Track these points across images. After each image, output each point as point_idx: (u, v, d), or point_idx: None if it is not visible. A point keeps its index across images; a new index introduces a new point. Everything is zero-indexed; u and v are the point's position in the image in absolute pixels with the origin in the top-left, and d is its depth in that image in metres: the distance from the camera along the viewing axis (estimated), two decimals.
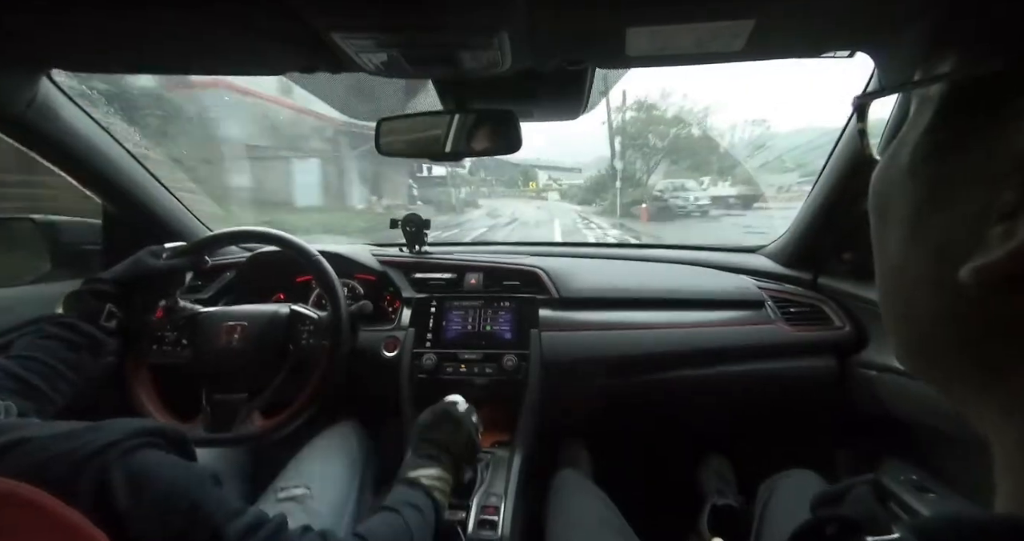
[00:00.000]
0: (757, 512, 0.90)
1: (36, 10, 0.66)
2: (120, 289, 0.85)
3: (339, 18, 0.61)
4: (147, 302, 0.93)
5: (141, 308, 0.91)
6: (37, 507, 0.36)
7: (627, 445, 1.46)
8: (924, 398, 0.93)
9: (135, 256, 0.89)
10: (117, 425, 0.46)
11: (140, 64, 0.93)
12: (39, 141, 0.99)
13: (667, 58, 0.78)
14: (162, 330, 1.01)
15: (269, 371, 1.00)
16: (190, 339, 1.01)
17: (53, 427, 0.45)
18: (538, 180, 26.13)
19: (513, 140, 0.85)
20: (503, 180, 27.12)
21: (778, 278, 1.29)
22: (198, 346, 1.01)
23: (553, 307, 1.19)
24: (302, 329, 1.03)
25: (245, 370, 1.00)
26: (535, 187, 26.05)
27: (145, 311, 0.94)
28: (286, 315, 1.04)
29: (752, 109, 29.21)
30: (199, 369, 1.00)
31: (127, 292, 0.86)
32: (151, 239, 1.26)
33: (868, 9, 0.64)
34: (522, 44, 0.67)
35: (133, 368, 0.97)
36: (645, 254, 1.50)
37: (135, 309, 0.88)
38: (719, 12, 0.62)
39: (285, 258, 1.14)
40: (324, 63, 0.78)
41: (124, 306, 0.85)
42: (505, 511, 0.89)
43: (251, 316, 1.03)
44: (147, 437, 0.47)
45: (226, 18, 0.66)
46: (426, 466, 0.78)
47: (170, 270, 0.93)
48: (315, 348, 1.01)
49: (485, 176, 24.17)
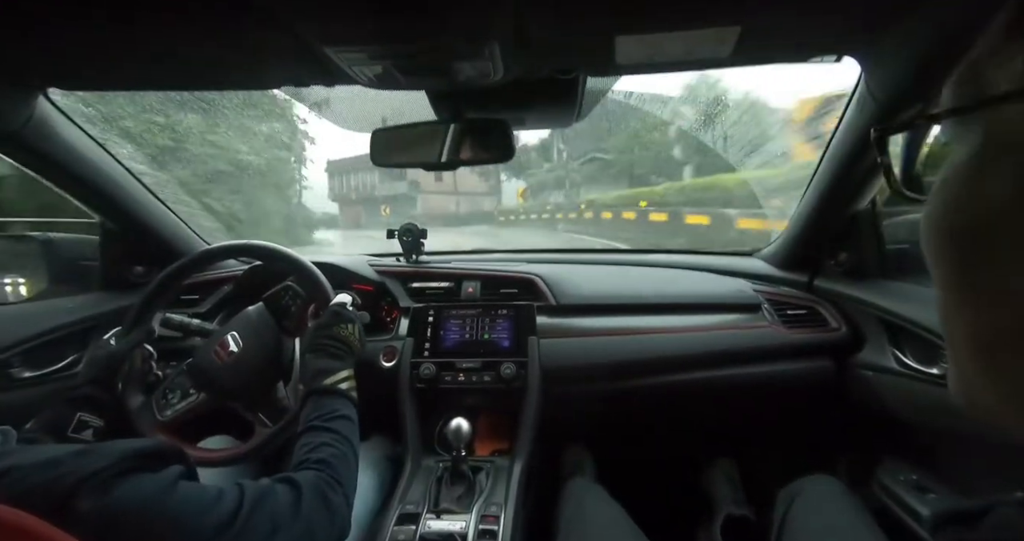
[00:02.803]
0: (776, 521, 0.88)
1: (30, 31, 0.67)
2: (92, 390, 0.83)
3: (331, 32, 0.62)
4: (127, 390, 0.91)
5: (120, 400, 0.89)
6: (26, 533, 0.36)
7: (630, 451, 1.45)
8: (922, 398, 0.93)
9: (87, 357, 0.87)
10: (106, 449, 0.46)
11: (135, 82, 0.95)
12: (36, 159, 0.99)
13: (656, 65, 0.79)
14: (165, 389, 0.96)
15: (271, 382, 0.99)
16: (195, 381, 0.95)
17: (41, 454, 0.44)
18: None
19: (506, 149, 0.86)
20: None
21: (774, 281, 1.30)
22: (203, 381, 0.95)
23: (551, 314, 1.19)
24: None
25: (251, 385, 0.97)
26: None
27: (123, 402, 0.90)
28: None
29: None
30: (216, 403, 0.96)
31: (98, 392, 0.84)
32: (149, 255, 1.27)
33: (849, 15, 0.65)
34: (513, 54, 0.68)
35: (149, 434, 0.91)
36: (641, 259, 1.51)
37: (112, 404, 0.86)
38: (705, 19, 0.64)
39: (281, 270, 1.14)
40: (318, 77, 0.79)
41: (99, 406, 0.82)
42: (505, 520, 0.88)
43: (242, 331, 1.00)
44: (135, 461, 0.46)
45: (220, 35, 0.67)
46: (335, 370, 0.79)
47: (125, 352, 0.90)
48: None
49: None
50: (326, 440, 0.68)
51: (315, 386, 0.77)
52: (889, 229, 1.08)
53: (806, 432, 1.32)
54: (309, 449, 0.67)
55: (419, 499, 0.93)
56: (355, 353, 0.85)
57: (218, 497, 0.50)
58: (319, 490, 0.60)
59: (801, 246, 1.24)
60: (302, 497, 0.57)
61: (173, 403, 0.94)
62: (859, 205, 1.07)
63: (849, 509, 0.83)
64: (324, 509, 0.59)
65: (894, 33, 0.68)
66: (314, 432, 0.70)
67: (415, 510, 0.89)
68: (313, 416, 0.72)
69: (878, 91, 0.81)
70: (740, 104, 2.80)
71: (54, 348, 1.11)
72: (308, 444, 0.68)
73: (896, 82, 0.78)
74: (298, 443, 0.69)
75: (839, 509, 0.84)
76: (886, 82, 0.79)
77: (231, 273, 1.31)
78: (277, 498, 0.55)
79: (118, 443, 0.48)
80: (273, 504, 0.54)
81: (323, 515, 0.59)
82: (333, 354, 0.81)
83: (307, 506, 0.57)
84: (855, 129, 0.92)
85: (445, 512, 0.89)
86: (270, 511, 0.53)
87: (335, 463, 0.66)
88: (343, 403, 0.75)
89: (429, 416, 1.12)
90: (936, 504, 0.89)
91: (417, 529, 0.86)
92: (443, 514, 0.89)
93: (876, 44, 0.72)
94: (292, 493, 0.57)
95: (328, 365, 0.79)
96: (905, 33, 0.68)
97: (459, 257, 1.49)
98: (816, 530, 0.81)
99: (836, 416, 1.22)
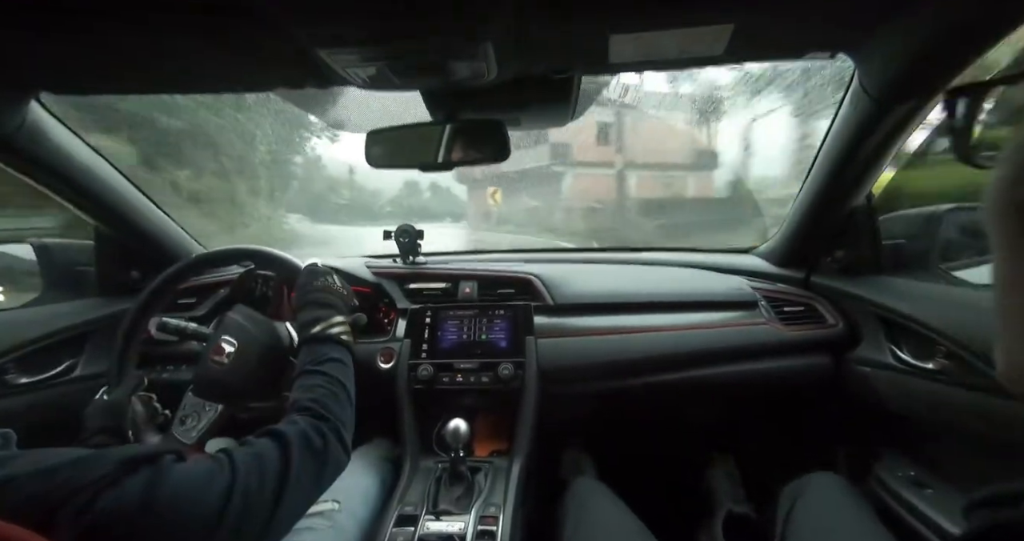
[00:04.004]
0: (780, 518, 0.87)
1: (21, 36, 0.66)
2: (103, 440, 0.81)
3: (324, 34, 0.61)
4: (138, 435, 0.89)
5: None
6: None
7: (629, 450, 1.45)
8: (919, 394, 0.93)
9: (86, 413, 0.85)
10: (104, 456, 0.45)
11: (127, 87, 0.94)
12: (29, 164, 0.99)
13: (651, 63, 0.79)
14: (181, 417, 0.94)
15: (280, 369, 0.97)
16: (205, 396, 0.93)
17: (40, 461, 0.44)
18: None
19: (501, 149, 0.86)
20: None
21: (771, 278, 1.30)
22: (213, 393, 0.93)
23: (548, 314, 1.19)
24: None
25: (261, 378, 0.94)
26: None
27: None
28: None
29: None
30: (236, 408, 0.95)
31: (109, 440, 0.82)
32: (144, 259, 1.27)
33: (842, 12, 0.65)
34: (507, 54, 0.68)
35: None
36: (638, 258, 1.51)
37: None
38: (698, 17, 0.64)
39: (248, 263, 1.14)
40: (311, 79, 0.79)
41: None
42: (504, 520, 0.88)
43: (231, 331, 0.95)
44: (133, 465, 0.46)
45: (212, 38, 0.67)
46: (325, 318, 0.79)
47: (122, 399, 0.89)
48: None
49: None
50: (316, 382, 0.70)
51: (305, 335, 0.78)
52: (885, 225, 1.08)
53: (804, 428, 1.32)
54: (300, 390, 0.69)
55: (418, 500, 0.92)
56: (343, 299, 0.86)
57: (208, 478, 0.50)
58: (304, 437, 0.61)
59: (798, 243, 1.24)
60: (290, 453, 0.58)
61: (194, 425, 0.93)
62: (855, 201, 1.07)
63: (852, 507, 0.83)
64: (312, 458, 0.60)
65: (887, 29, 0.68)
66: (305, 375, 0.72)
67: (414, 511, 0.89)
68: (305, 362, 0.74)
69: (872, 87, 0.81)
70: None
71: (49, 354, 1.11)
72: (299, 387, 0.70)
73: (890, 78, 0.78)
74: (292, 388, 0.71)
75: (842, 507, 0.84)
76: (880, 78, 0.79)
77: (228, 277, 1.31)
78: (266, 464, 0.55)
79: (115, 449, 0.47)
80: (263, 471, 0.54)
81: (312, 464, 0.60)
82: (320, 303, 0.82)
83: (296, 462, 0.57)
84: (850, 125, 0.92)
85: (444, 513, 0.89)
86: (260, 482, 0.53)
87: (324, 401, 0.67)
88: (332, 347, 0.77)
89: (427, 417, 1.12)
90: (934, 499, 0.89)
91: (416, 530, 0.85)
92: (442, 515, 0.89)
93: (869, 40, 0.73)
94: (279, 449, 0.57)
95: (316, 314, 0.80)
96: (898, 29, 0.68)
97: (456, 257, 1.49)
98: (820, 529, 0.81)
99: (834, 412, 1.23)
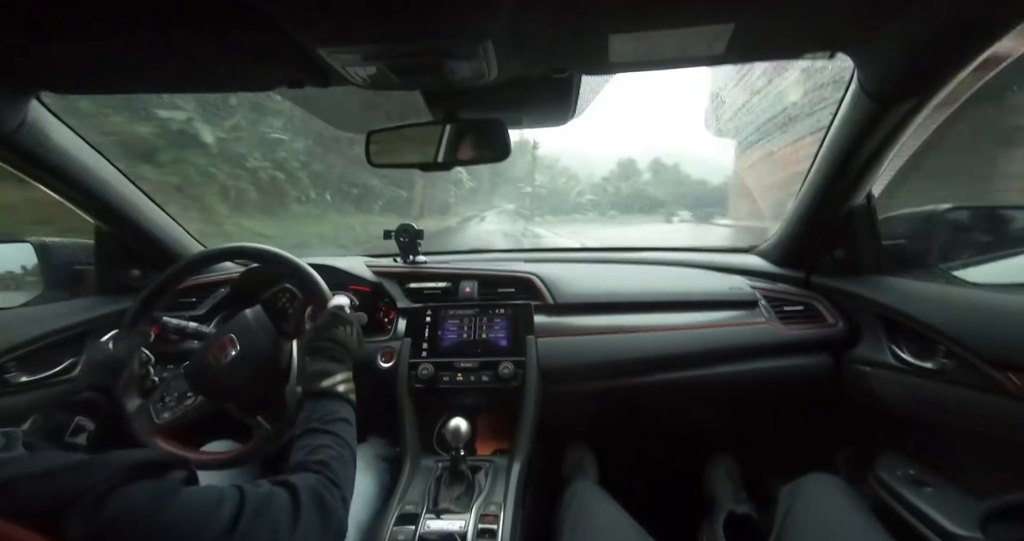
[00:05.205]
0: (778, 519, 0.87)
1: (22, 35, 0.66)
2: (92, 395, 0.83)
3: (324, 34, 0.61)
4: (124, 394, 0.90)
5: (118, 404, 0.88)
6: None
7: (629, 449, 1.45)
8: (918, 393, 0.94)
9: (85, 359, 0.86)
10: (105, 462, 0.46)
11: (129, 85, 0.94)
12: (29, 163, 0.99)
13: (651, 63, 0.79)
14: (162, 392, 0.96)
15: (269, 384, 0.98)
16: (193, 384, 0.95)
17: (43, 464, 0.44)
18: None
19: (502, 148, 0.86)
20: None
21: (771, 277, 1.30)
22: (201, 384, 0.94)
23: (548, 313, 1.19)
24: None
25: (249, 387, 0.96)
26: None
27: (120, 406, 0.90)
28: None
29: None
30: (213, 405, 0.95)
31: (97, 396, 0.84)
32: (145, 258, 1.27)
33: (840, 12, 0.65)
34: (507, 53, 0.68)
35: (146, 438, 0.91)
36: (639, 257, 1.51)
37: (110, 409, 0.85)
38: (699, 17, 0.64)
39: (277, 272, 1.13)
40: (312, 78, 0.79)
41: (95, 410, 0.82)
42: (504, 519, 0.88)
43: (240, 333, 0.97)
44: (133, 472, 0.46)
45: (213, 37, 0.67)
46: (333, 372, 0.79)
47: (124, 356, 0.91)
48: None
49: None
50: (325, 442, 0.68)
51: (313, 388, 0.77)
52: (885, 224, 1.08)
53: (804, 428, 1.32)
54: (308, 451, 0.67)
55: (418, 499, 0.93)
56: (353, 355, 0.85)
57: (218, 503, 0.50)
58: (316, 494, 0.60)
59: (797, 242, 1.24)
60: (300, 503, 0.57)
61: (171, 406, 0.94)
62: (855, 201, 1.07)
63: (851, 507, 0.83)
64: (320, 514, 0.59)
65: (887, 29, 0.69)
66: (313, 434, 0.70)
67: (414, 510, 0.89)
68: (312, 418, 0.72)
69: (871, 87, 0.81)
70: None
71: (50, 352, 1.11)
72: (307, 446, 0.68)
73: (889, 78, 0.78)
74: (296, 445, 0.69)
75: (841, 507, 0.84)
76: (879, 77, 0.79)
77: (227, 276, 1.31)
78: (276, 505, 0.55)
79: (117, 455, 0.47)
80: (273, 511, 0.54)
81: (320, 520, 0.59)
82: (331, 356, 0.81)
83: (305, 512, 0.57)
84: (850, 124, 0.92)
85: (444, 512, 0.89)
86: (269, 519, 0.53)
87: (334, 465, 0.66)
88: (341, 405, 0.75)
89: (428, 416, 1.12)
90: (933, 498, 0.90)
91: (416, 529, 0.85)
92: (442, 514, 0.89)
93: (869, 40, 0.73)
94: (290, 499, 0.57)
95: (326, 367, 0.79)
96: (898, 29, 0.68)
97: (456, 257, 1.49)
98: (818, 529, 0.81)
99: (833, 411, 1.23)
